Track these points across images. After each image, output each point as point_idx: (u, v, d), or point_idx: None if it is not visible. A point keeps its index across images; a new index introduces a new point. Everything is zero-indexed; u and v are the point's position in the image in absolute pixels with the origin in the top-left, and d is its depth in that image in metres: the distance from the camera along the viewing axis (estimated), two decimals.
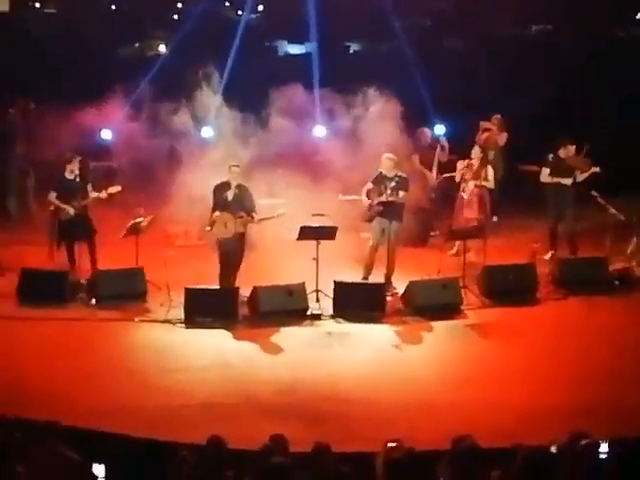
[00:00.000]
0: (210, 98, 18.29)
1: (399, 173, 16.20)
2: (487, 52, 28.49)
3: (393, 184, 16.03)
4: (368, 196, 16.21)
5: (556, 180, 17.58)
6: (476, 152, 18.04)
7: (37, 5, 37.19)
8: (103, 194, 16.46)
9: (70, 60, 24.66)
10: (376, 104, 17.27)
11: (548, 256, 17.63)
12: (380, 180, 16.17)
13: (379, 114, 17.13)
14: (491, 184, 17.83)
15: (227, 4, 36.60)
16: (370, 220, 16.25)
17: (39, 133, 18.99)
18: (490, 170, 17.95)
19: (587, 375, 13.01)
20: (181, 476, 7.54)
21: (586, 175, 17.45)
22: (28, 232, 18.45)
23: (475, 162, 17.75)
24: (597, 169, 17.40)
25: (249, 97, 17.91)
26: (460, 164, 17.93)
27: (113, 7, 35.74)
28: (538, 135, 18.99)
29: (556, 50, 28.08)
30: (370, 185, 16.22)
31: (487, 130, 20.24)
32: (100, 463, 8.00)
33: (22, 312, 15.26)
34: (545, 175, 17.75)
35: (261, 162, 16.87)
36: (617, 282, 16.64)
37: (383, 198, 15.96)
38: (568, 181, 17.51)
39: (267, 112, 17.58)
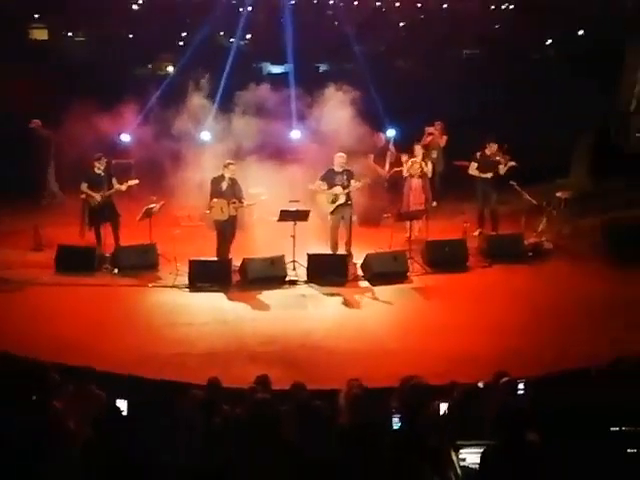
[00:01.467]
0: (208, 108, 18.26)
1: (346, 167, 16.21)
2: (429, 70, 28.56)
3: (345, 177, 16.08)
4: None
5: (481, 175, 17.65)
6: (418, 150, 18.04)
7: (70, 34, 36.99)
8: (124, 186, 16.49)
9: (95, 78, 24.50)
10: (339, 111, 17.21)
11: (476, 233, 17.71)
12: (330, 175, 16.14)
13: (342, 120, 17.08)
14: (429, 174, 17.92)
15: (222, 33, 36.40)
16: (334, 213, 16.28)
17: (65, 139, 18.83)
18: (429, 164, 18.03)
19: (506, 327, 13.07)
20: (191, 409, 7.59)
21: (506, 168, 17.48)
22: (58, 215, 18.37)
23: (418, 158, 17.80)
24: (514, 163, 17.43)
25: (239, 107, 17.83)
26: (405, 160, 18.01)
27: (130, 35, 35.57)
28: (470, 136, 18.98)
29: (483, 69, 28.20)
30: (319, 181, 16.21)
31: (430, 134, 20.32)
32: (122, 399, 8.01)
33: (59, 279, 15.25)
34: (473, 169, 17.79)
35: (248, 158, 16.82)
36: (530, 254, 16.72)
37: (342, 199, 16.05)
38: (489, 175, 17.56)
39: (253, 119, 17.52)
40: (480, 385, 8.38)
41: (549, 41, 32.97)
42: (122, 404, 7.92)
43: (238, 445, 6.71)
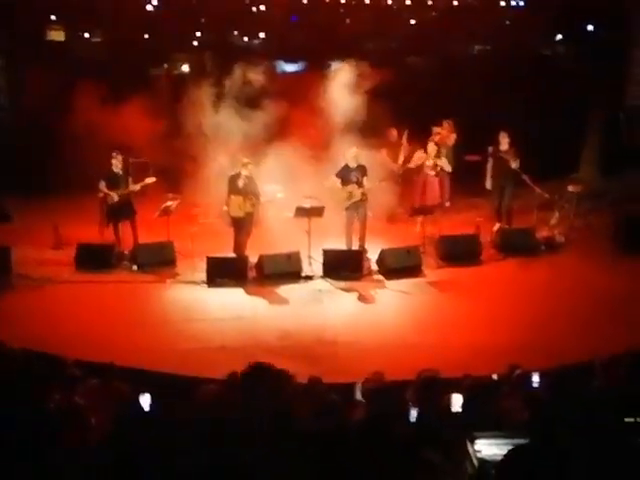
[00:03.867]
0: (222, 106, 18.22)
1: (360, 163, 16.18)
2: (440, 67, 28.44)
3: (359, 173, 16.06)
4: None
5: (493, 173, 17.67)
6: (431, 148, 17.85)
7: (86, 35, 37.03)
8: (137, 186, 16.48)
9: (112, 78, 24.50)
10: (352, 107, 17.13)
11: (496, 227, 17.51)
12: (345, 172, 16.11)
13: (355, 116, 17.03)
14: (449, 168, 17.80)
15: (235, 32, 36.37)
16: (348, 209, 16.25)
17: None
18: (445, 159, 17.86)
19: (520, 319, 13.10)
20: (207, 404, 7.55)
21: (516, 165, 17.21)
22: (76, 214, 18.28)
23: (431, 155, 17.63)
24: (516, 166, 17.17)
25: (253, 105, 17.82)
26: (417, 155, 17.87)
27: (146, 36, 35.59)
28: (481, 133, 18.85)
29: (494, 65, 28.03)
30: (334, 178, 16.17)
31: (438, 134, 20.09)
32: (142, 394, 7.99)
33: (79, 277, 15.34)
34: (489, 169, 17.79)
35: (263, 155, 16.77)
36: (543, 247, 16.74)
37: (357, 197, 16.03)
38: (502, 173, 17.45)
39: (267, 116, 17.49)
40: (494, 377, 8.37)
41: (559, 37, 32.79)
42: (145, 399, 7.88)
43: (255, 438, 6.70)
